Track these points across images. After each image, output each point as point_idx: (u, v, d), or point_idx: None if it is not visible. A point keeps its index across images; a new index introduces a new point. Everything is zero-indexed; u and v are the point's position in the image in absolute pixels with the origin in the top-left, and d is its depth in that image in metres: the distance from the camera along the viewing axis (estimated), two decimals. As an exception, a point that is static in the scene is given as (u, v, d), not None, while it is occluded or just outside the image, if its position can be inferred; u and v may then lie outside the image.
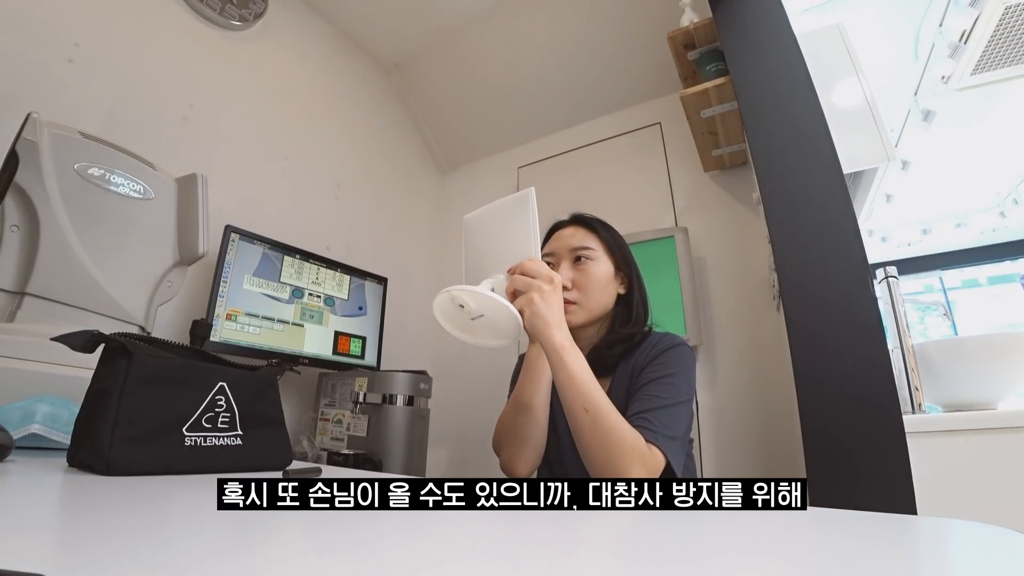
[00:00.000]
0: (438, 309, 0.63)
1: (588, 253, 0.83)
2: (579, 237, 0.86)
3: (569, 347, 0.64)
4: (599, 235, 0.86)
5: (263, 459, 0.57)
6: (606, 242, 0.86)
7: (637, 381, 0.74)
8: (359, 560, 0.23)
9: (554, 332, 0.63)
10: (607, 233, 0.87)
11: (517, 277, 0.65)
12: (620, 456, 0.60)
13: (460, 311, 0.63)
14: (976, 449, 0.85)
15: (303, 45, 1.86)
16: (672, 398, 0.68)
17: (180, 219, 1.05)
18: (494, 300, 0.60)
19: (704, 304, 1.61)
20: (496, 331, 0.64)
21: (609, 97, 2.00)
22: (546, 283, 0.64)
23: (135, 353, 0.50)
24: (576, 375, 0.63)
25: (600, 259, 0.83)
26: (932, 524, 0.36)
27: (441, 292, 0.61)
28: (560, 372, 0.64)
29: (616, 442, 0.60)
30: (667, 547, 0.28)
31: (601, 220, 0.90)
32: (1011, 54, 1.65)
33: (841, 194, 0.96)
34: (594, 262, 0.82)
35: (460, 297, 0.61)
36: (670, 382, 0.70)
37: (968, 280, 3.36)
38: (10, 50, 1.11)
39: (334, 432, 1.45)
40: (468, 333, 0.66)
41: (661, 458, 0.62)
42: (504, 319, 0.62)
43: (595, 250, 0.84)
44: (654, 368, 0.73)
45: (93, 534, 0.26)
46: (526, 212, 0.66)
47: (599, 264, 0.83)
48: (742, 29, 1.22)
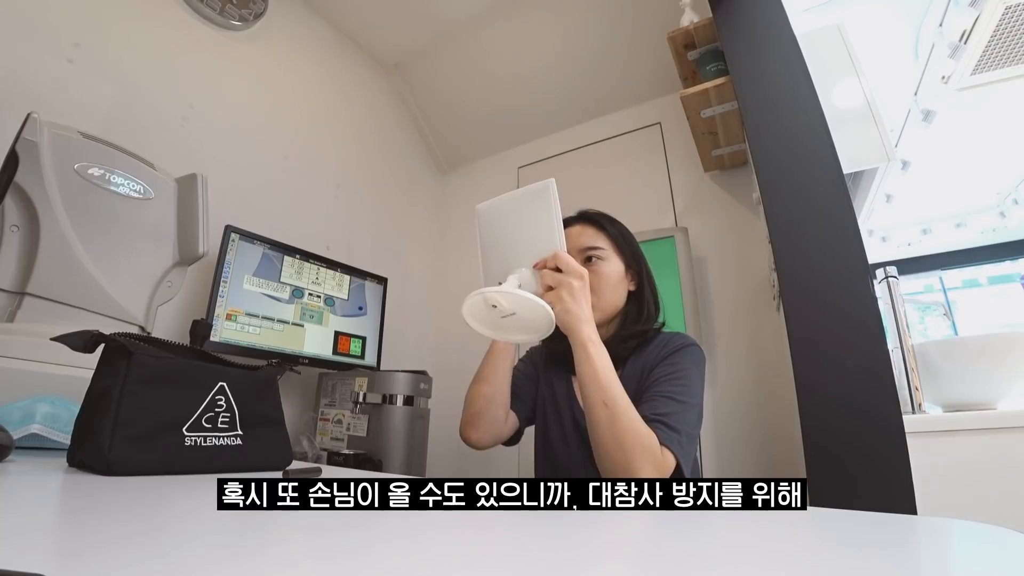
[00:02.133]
0: (468, 311, 0.63)
1: (598, 253, 0.83)
2: (588, 236, 0.85)
3: (596, 341, 0.66)
4: (608, 233, 0.86)
5: (263, 459, 0.57)
6: (615, 240, 0.85)
7: (648, 378, 0.74)
8: (359, 561, 0.23)
9: (583, 327, 0.65)
10: (615, 230, 0.87)
11: (548, 272, 0.66)
12: (634, 455, 0.60)
13: (491, 311, 0.64)
14: (976, 449, 0.85)
15: (303, 45, 1.86)
16: (684, 399, 0.68)
17: (180, 219, 1.05)
18: (528, 299, 0.61)
19: (704, 304, 1.61)
20: (528, 327, 0.65)
21: (609, 97, 2.00)
22: (576, 279, 0.65)
23: (135, 353, 0.50)
24: (600, 370, 0.64)
25: (610, 259, 0.83)
26: (932, 524, 0.36)
27: (473, 294, 0.61)
28: (585, 366, 0.65)
29: (631, 440, 0.61)
30: (667, 547, 0.28)
31: (608, 216, 0.90)
32: (1011, 54, 1.65)
33: (841, 194, 0.96)
34: (605, 262, 0.82)
35: (493, 298, 0.62)
36: (684, 383, 0.70)
37: (968, 280, 3.36)
38: (10, 50, 1.11)
39: (334, 432, 1.45)
40: (499, 331, 0.66)
41: (672, 461, 0.62)
42: (537, 316, 0.63)
43: (605, 249, 0.83)
44: (667, 367, 0.73)
45: (93, 534, 0.26)
46: (548, 204, 0.66)
47: (609, 264, 0.82)
48: (742, 29, 1.22)
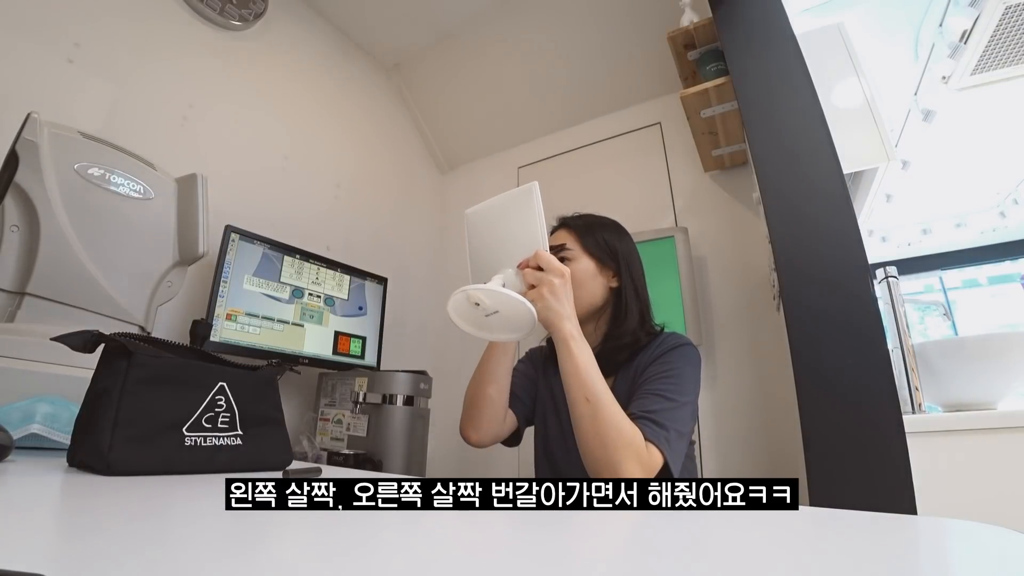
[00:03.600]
0: (453, 309, 0.65)
1: (565, 253, 0.84)
2: (556, 238, 0.88)
3: (578, 337, 0.67)
4: (576, 233, 0.87)
5: (263, 459, 0.57)
6: (583, 239, 0.86)
7: (641, 378, 0.74)
8: (359, 562, 0.23)
9: (564, 323, 0.66)
10: (587, 230, 0.88)
11: (529, 272, 0.68)
12: (616, 450, 0.60)
13: (475, 309, 0.65)
14: (976, 449, 0.85)
15: (303, 45, 1.86)
16: (675, 397, 0.68)
17: (180, 219, 1.05)
18: (509, 296, 0.62)
19: (704, 304, 1.61)
20: (511, 325, 0.66)
21: (609, 97, 2.00)
22: (557, 277, 0.67)
23: (135, 353, 0.50)
24: (581, 366, 0.65)
25: (578, 258, 0.84)
26: (932, 524, 0.36)
27: (456, 292, 0.63)
28: (567, 362, 0.66)
29: (614, 436, 0.61)
30: (667, 547, 0.28)
31: (586, 216, 0.91)
32: (1011, 54, 1.65)
33: (841, 194, 0.96)
34: (572, 262, 0.83)
35: (476, 296, 0.63)
36: (673, 381, 0.70)
37: (968, 280, 3.36)
38: (10, 50, 1.11)
39: (334, 432, 1.45)
40: (484, 330, 0.68)
41: (659, 458, 0.62)
42: (519, 314, 0.64)
43: (572, 249, 0.85)
44: (658, 366, 0.73)
45: (93, 534, 0.26)
46: (531, 206, 0.68)
47: (577, 263, 0.83)
48: (742, 29, 1.22)
